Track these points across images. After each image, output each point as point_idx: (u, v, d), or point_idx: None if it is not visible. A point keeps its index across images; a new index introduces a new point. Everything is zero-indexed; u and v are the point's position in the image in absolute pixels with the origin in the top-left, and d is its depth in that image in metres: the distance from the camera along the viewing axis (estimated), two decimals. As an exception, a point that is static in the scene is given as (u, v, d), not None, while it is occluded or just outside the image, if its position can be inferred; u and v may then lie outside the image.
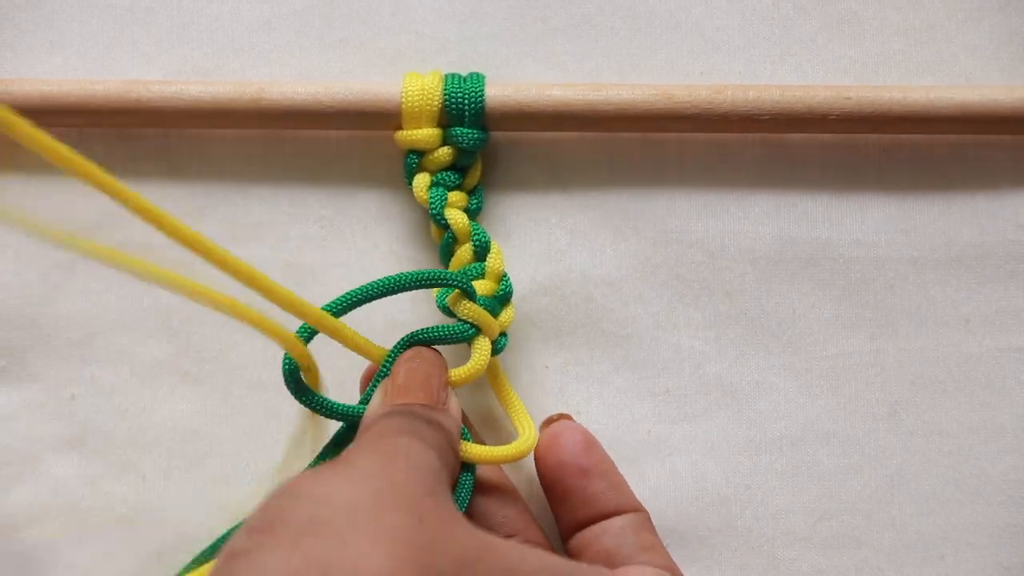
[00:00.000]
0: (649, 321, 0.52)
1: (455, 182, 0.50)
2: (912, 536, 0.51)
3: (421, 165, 0.50)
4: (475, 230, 0.49)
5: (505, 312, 0.49)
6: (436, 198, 0.49)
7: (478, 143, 0.50)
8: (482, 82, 0.50)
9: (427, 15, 0.53)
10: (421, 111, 0.49)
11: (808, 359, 0.52)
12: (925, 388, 0.51)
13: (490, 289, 0.49)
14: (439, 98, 0.49)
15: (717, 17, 0.53)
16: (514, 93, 0.50)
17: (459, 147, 0.50)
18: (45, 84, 0.50)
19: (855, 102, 0.50)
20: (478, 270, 0.49)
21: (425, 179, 0.50)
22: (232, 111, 0.50)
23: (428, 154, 0.50)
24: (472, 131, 0.50)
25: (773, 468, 0.51)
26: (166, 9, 0.54)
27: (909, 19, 0.53)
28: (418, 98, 0.49)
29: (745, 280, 0.52)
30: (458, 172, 0.51)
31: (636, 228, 0.52)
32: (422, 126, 0.50)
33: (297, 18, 0.54)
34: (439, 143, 0.50)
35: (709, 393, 0.51)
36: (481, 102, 0.49)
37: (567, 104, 0.50)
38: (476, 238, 0.49)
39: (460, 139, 0.50)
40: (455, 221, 0.49)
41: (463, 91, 0.49)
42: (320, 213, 0.52)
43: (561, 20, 0.53)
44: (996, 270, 0.52)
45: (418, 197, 0.50)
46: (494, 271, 0.49)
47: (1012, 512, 0.51)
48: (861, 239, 0.52)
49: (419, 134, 0.50)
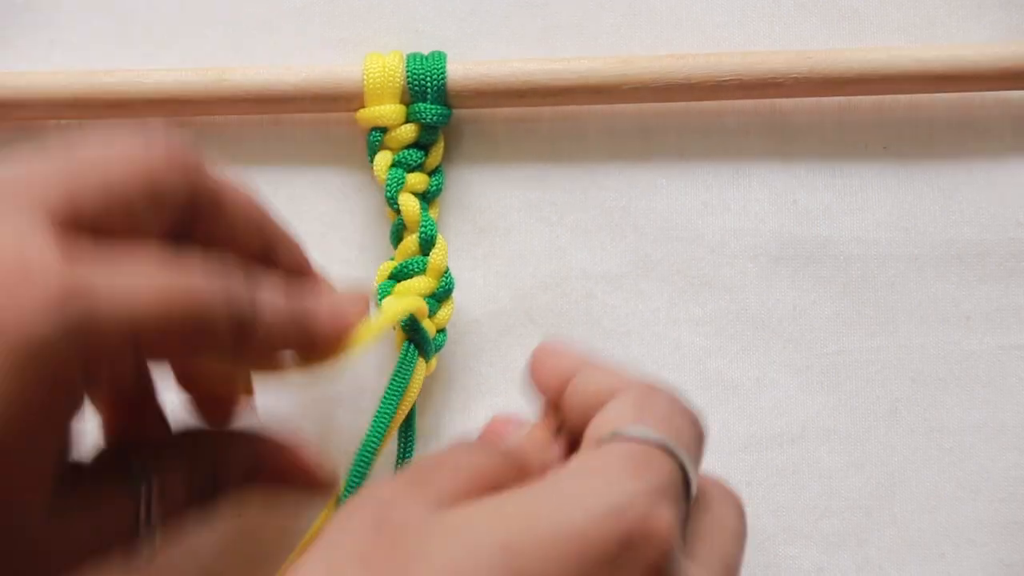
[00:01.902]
0: (650, 317, 0.52)
1: (418, 161, 0.50)
2: (913, 533, 0.51)
3: (384, 143, 0.50)
4: (424, 221, 0.49)
5: (443, 309, 0.49)
6: (393, 180, 0.50)
7: (441, 118, 0.50)
8: (443, 59, 0.50)
9: (427, 13, 0.54)
10: (383, 89, 0.50)
11: (809, 356, 0.52)
12: (926, 385, 0.51)
13: (428, 287, 0.49)
14: (401, 76, 0.50)
15: (717, 14, 0.53)
16: (475, 68, 0.50)
17: (422, 123, 0.50)
18: None
19: (814, 62, 0.50)
20: (419, 265, 0.49)
21: (387, 157, 0.50)
22: (194, 97, 0.50)
23: (391, 131, 0.50)
24: (435, 106, 0.50)
25: (773, 465, 0.51)
26: (166, 8, 0.54)
27: (910, 17, 0.53)
28: (380, 76, 0.50)
29: (746, 277, 0.52)
30: (421, 150, 0.51)
31: (636, 225, 0.52)
32: (384, 103, 0.50)
33: (298, 16, 0.54)
34: (402, 120, 0.50)
35: (709, 389, 0.51)
36: (443, 78, 0.50)
37: (528, 76, 0.50)
38: (423, 230, 0.49)
39: (423, 114, 0.50)
40: (407, 208, 0.49)
41: (424, 69, 0.50)
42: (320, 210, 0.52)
43: (562, 18, 0.53)
44: (997, 267, 0.52)
45: (378, 177, 0.50)
46: (436, 267, 0.49)
47: (1013, 509, 0.51)
48: (862, 236, 0.52)
49: (381, 110, 0.50)
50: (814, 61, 0.50)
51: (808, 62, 0.50)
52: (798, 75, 0.50)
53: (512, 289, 0.52)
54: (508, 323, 0.52)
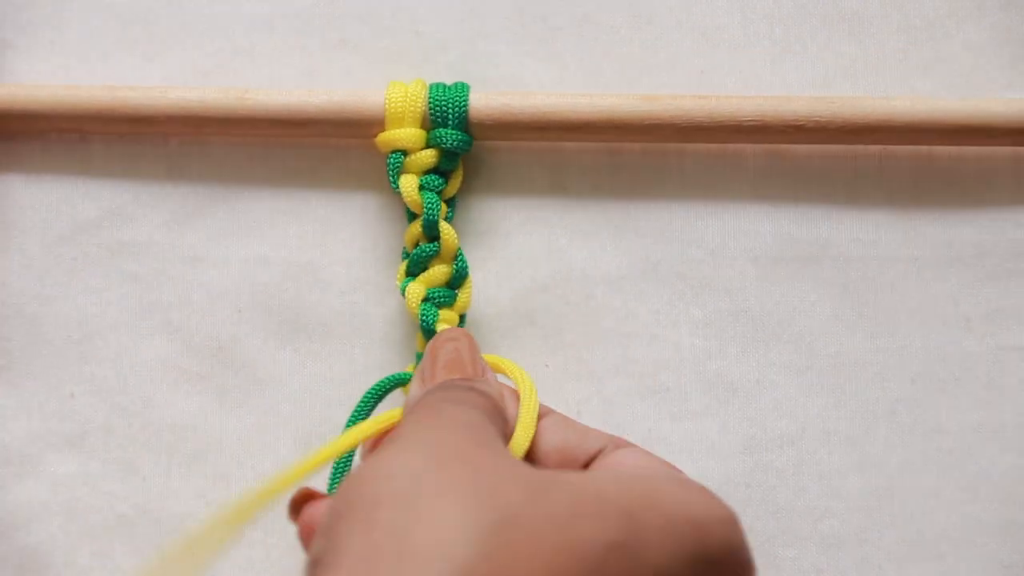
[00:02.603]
0: (649, 319, 0.52)
1: (439, 187, 0.50)
2: (912, 534, 0.51)
3: (405, 166, 0.50)
4: (459, 257, 0.49)
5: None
6: (431, 204, 0.49)
7: (462, 144, 0.49)
8: (466, 90, 0.50)
9: (427, 15, 0.53)
10: (404, 113, 0.49)
11: (808, 357, 0.52)
12: (925, 386, 0.51)
13: (454, 322, 0.49)
14: (423, 102, 0.50)
15: (718, 15, 0.53)
16: (498, 100, 0.50)
17: (443, 148, 0.50)
18: (18, 88, 0.51)
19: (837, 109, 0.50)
20: (448, 297, 0.49)
21: (413, 180, 0.49)
22: (213, 117, 0.50)
23: (411, 154, 0.50)
24: (456, 132, 0.49)
25: (773, 466, 0.51)
26: (166, 9, 0.54)
27: (909, 17, 0.53)
28: (401, 102, 0.49)
29: (745, 278, 0.52)
30: (441, 176, 0.50)
31: (636, 226, 0.52)
32: (405, 126, 0.49)
33: (297, 18, 0.54)
34: (423, 144, 0.50)
35: (709, 391, 0.51)
36: (465, 107, 0.49)
37: (552, 112, 0.50)
38: (458, 265, 0.49)
39: (444, 139, 0.49)
40: (447, 238, 0.49)
41: (447, 97, 0.49)
42: (320, 212, 0.52)
43: (561, 19, 0.53)
44: (996, 268, 0.52)
45: (408, 199, 0.49)
46: (463, 303, 0.49)
47: (1012, 510, 0.51)
48: (861, 238, 0.52)
49: (402, 133, 0.49)
50: (836, 107, 0.50)
51: (831, 107, 0.50)
52: (820, 119, 0.50)
53: (512, 291, 0.52)
54: (508, 325, 0.52)
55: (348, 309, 0.52)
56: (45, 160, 0.53)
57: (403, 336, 0.51)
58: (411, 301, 0.48)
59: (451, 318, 0.49)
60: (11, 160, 0.52)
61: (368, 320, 0.52)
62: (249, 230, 0.52)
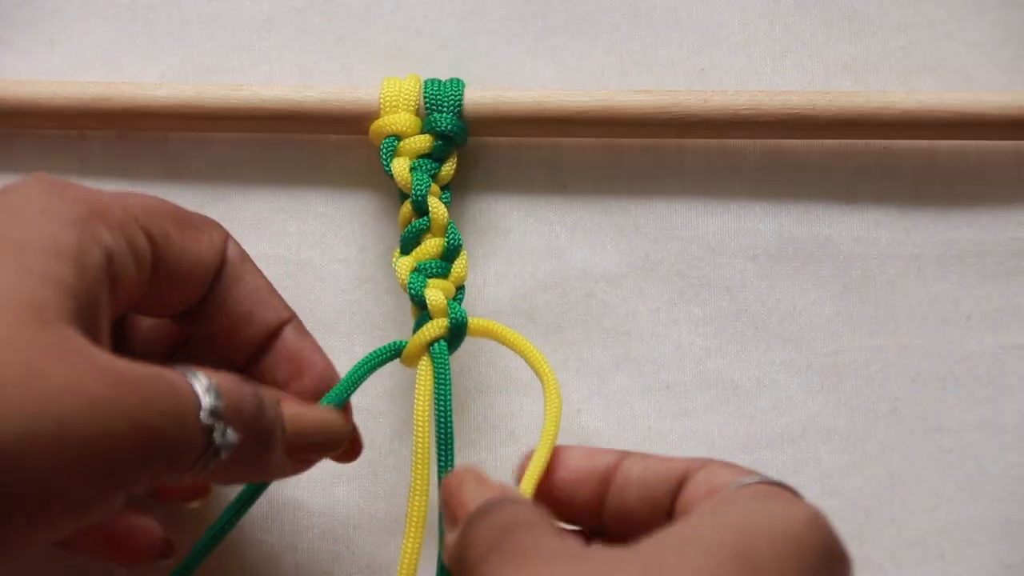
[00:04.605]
0: (649, 317, 0.52)
1: (433, 170, 0.50)
2: (913, 533, 0.51)
3: (398, 150, 0.49)
4: (451, 229, 0.49)
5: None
6: (420, 182, 0.49)
7: (457, 129, 0.49)
8: (461, 85, 0.50)
9: (427, 12, 0.53)
10: (399, 104, 0.49)
11: (809, 356, 0.52)
12: (926, 385, 0.51)
13: (448, 291, 0.48)
14: (418, 95, 0.50)
15: (718, 14, 0.53)
16: (492, 92, 0.50)
17: (437, 133, 0.49)
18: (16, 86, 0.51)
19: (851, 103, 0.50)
20: (440, 268, 0.49)
21: (405, 162, 0.49)
22: (209, 112, 0.50)
23: (405, 139, 0.49)
24: (451, 116, 0.49)
25: (773, 465, 0.51)
26: (166, 6, 0.54)
27: (910, 16, 0.53)
28: (396, 95, 0.49)
29: (746, 276, 0.52)
30: (435, 161, 0.50)
31: (636, 224, 0.52)
32: (399, 112, 0.49)
33: (297, 16, 0.54)
34: (417, 130, 0.50)
35: (710, 389, 0.51)
36: (459, 100, 0.49)
37: (546, 105, 0.50)
38: (450, 238, 0.49)
39: (439, 123, 0.49)
40: (436, 211, 0.49)
41: (442, 91, 0.50)
42: (320, 210, 0.52)
43: (561, 17, 0.53)
44: (997, 267, 0.52)
45: (399, 178, 0.49)
46: (458, 275, 0.49)
47: (1013, 509, 0.51)
48: (862, 236, 0.52)
49: (396, 118, 0.49)
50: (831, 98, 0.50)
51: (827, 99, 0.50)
52: (816, 111, 0.50)
53: (512, 289, 0.52)
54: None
55: (348, 307, 0.52)
56: (43, 158, 0.53)
57: (403, 334, 0.51)
58: (401, 273, 0.48)
59: (446, 288, 0.48)
60: (9, 158, 0.52)
61: (368, 318, 0.52)
62: (248, 229, 0.52)
